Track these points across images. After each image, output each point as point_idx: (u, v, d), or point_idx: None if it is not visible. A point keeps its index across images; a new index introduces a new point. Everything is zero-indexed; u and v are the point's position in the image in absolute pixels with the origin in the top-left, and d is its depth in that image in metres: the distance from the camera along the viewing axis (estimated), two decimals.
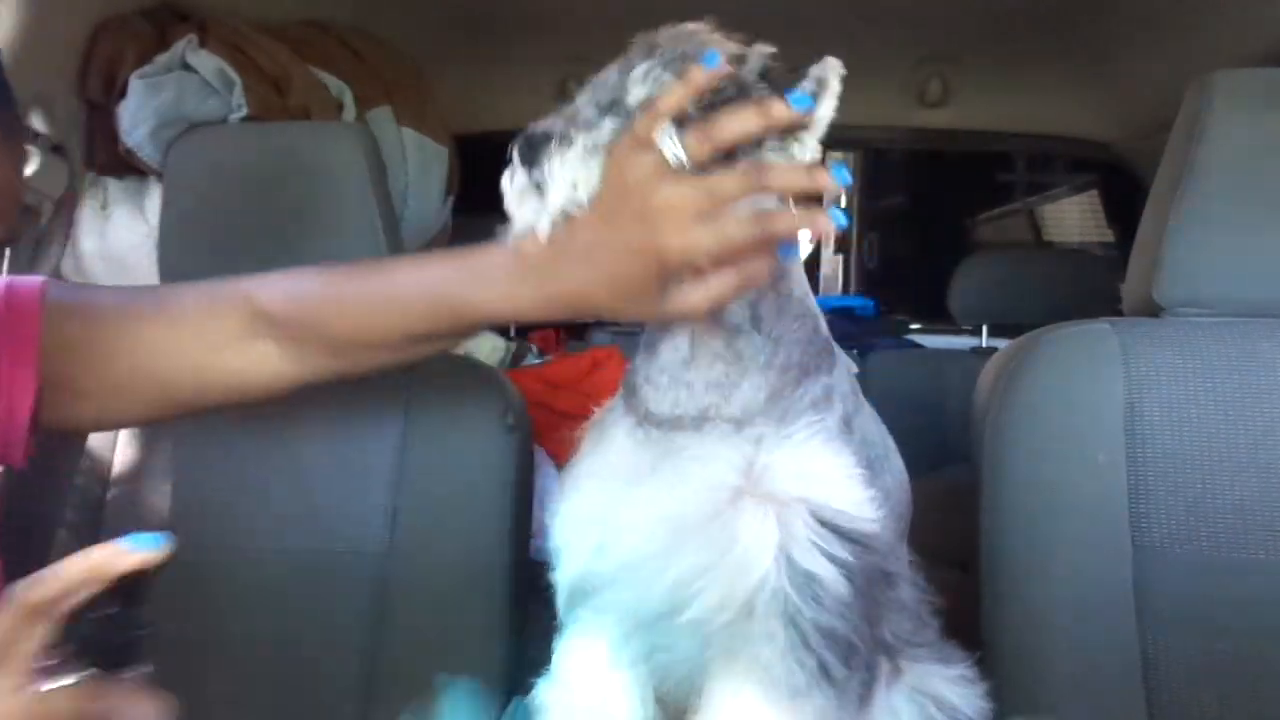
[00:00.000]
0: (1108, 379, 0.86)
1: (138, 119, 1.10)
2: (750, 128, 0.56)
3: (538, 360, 1.92)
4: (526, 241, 0.62)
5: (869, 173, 4.81)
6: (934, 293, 2.14)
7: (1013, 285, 2.03)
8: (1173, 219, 0.86)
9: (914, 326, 2.71)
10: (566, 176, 0.61)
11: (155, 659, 0.91)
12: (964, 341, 2.25)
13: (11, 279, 0.72)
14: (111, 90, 1.13)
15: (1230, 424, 0.84)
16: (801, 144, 0.61)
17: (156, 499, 0.98)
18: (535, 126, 0.63)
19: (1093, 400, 0.86)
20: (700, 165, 0.57)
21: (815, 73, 0.58)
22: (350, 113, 1.36)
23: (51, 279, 0.73)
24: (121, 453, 0.99)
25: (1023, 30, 1.74)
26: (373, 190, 0.98)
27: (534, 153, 0.61)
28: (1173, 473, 0.84)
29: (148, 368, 0.72)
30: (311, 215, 0.98)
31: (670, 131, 0.57)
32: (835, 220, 0.57)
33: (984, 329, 2.10)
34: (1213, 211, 0.86)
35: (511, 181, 0.63)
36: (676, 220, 0.56)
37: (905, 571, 0.72)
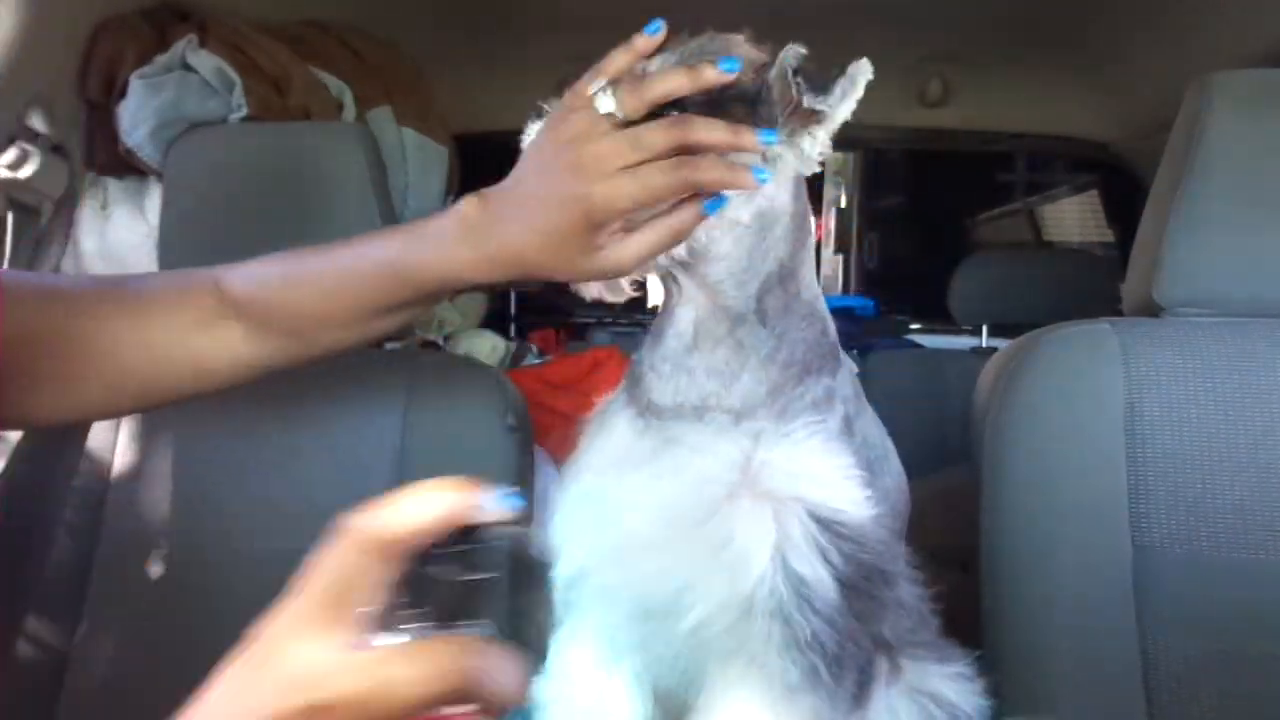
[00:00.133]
0: (1108, 379, 0.86)
1: (138, 119, 1.10)
2: (678, 87, 0.58)
3: (538, 360, 1.92)
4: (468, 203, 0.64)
5: (869, 173, 4.81)
6: (934, 293, 2.14)
7: (1013, 285, 2.03)
8: (1173, 219, 0.87)
9: (914, 326, 2.71)
10: None
11: (153, 659, 0.91)
12: (964, 341, 2.25)
13: None
14: (111, 90, 1.13)
15: (1230, 424, 0.84)
16: (813, 138, 0.63)
17: (156, 499, 0.98)
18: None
19: (1093, 400, 0.86)
20: (633, 120, 0.59)
21: (845, 80, 0.60)
22: (350, 113, 1.36)
23: (7, 269, 0.72)
24: (121, 453, 0.99)
25: (1023, 30, 1.74)
26: (373, 190, 0.98)
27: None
28: (1173, 473, 0.84)
29: (111, 354, 0.71)
30: (311, 215, 0.98)
31: (605, 88, 0.59)
32: (757, 176, 0.59)
33: (984, 329, 2.10)
34: (1213, 211, 0.86)
35: None
36: (603, 169, 0.58)
37: (904, 570, 0.72)
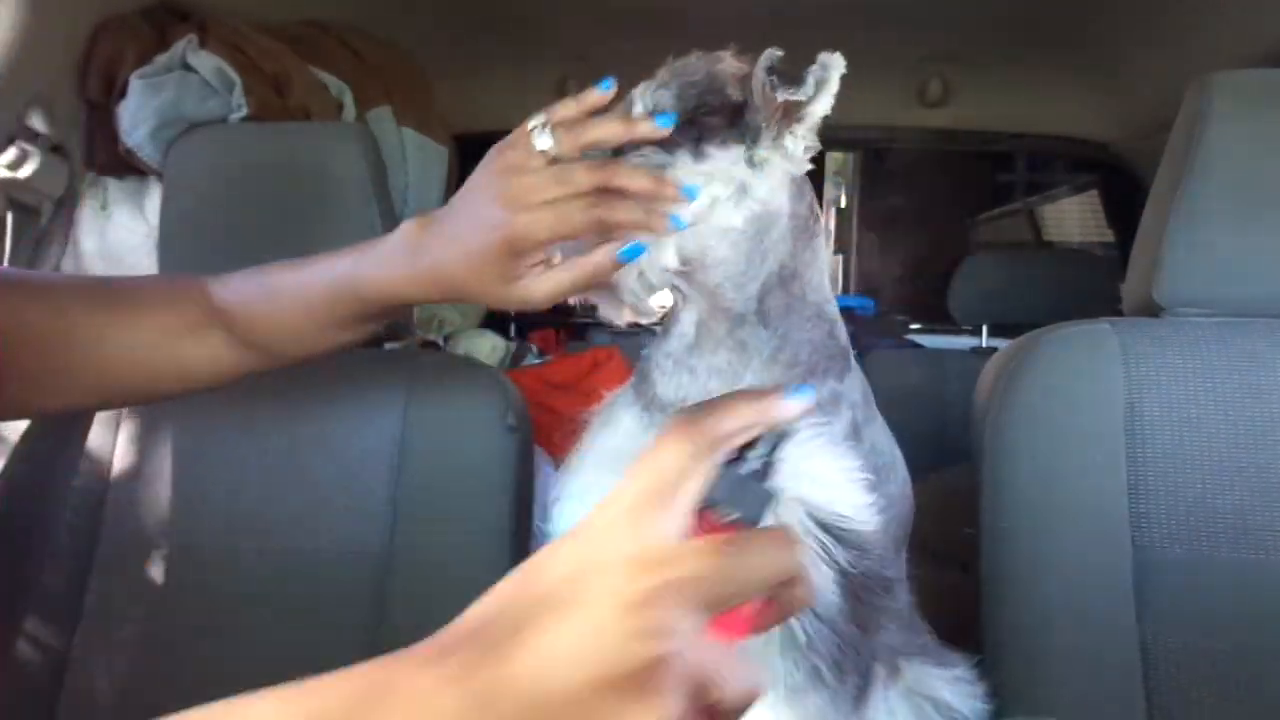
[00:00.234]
0: (1108, 379, 0.86)
1: (138, 119, 1.10)
2: (612, 135, 0.63)
3: (538, 360, 1.92)
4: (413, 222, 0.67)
5: (869, 173, 4.81)
6: (934, 293, 2.14)
7: (1013, 285, 2.03)
8: (1173, 219, 0.87)
9: (914, 326, 2.71)
10: None
11: (153, 659, 0.91)
12: (964, 341, 2.25)
13: None
14: (111, 90, 1.13)
15: (1230, 424, 0.84)
16: (795, 137, 0.63)
17: (156, 499, 0.98)
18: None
19: (1093, 400, 0.86)
20: (568, 158, 0.62)
21: (817, 68, 0.60)
22: (350, 113, 1.36)
23: None
24: (121, 453, 0.99)
25: (1023, 30, 1.74)
26: (373, 190, 0.98)
27: None
28: (1173, 473, 0.84)
29: (96, 351, 0.71)
30: (311, 215, 0.98)
31: (545, 126, 0.62)
32: (674, 224, 0.62)
33: (984, 329, 2.10)
34: (1213, 211, 0.86)
35: None
36: (527, 201, 0.61)
37: (903, 579, 0.72)
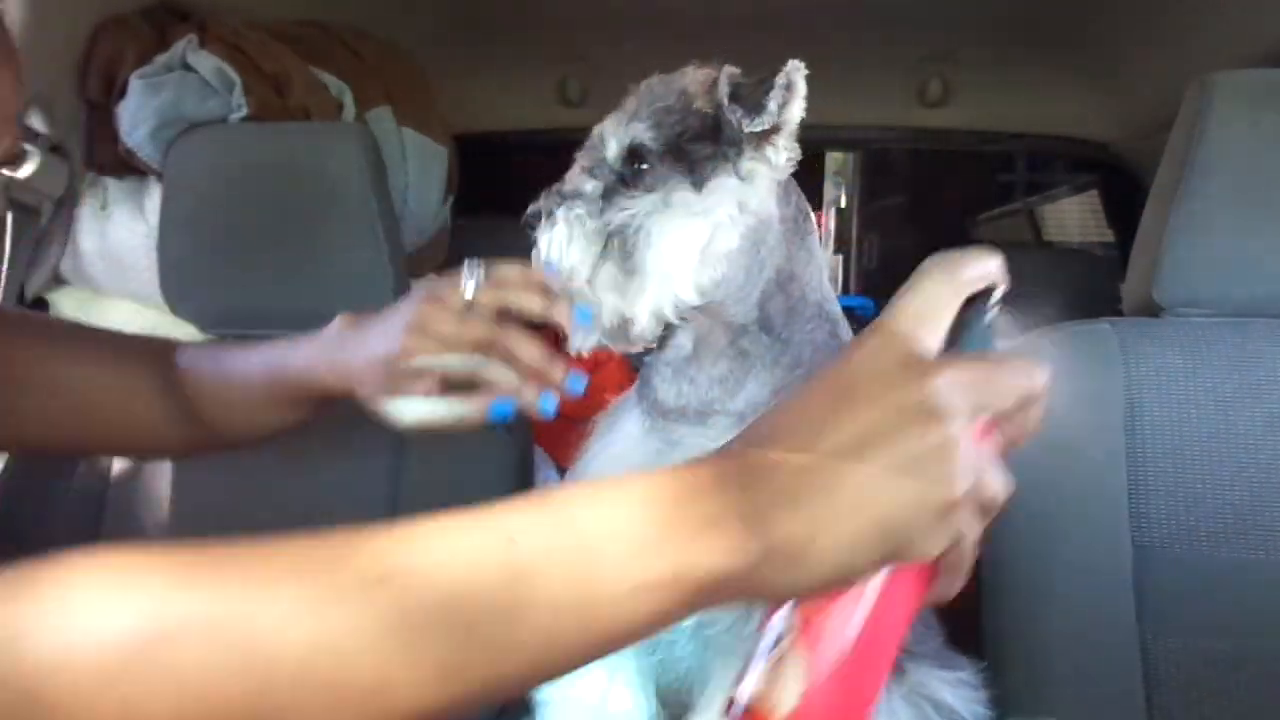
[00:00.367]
0: (1108, 379, 0.86)
1: (138, 119, 1.10)
2: (530, 307, 0.66)
3: None
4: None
5: (869, 173, 4.81)
6: None
7: (1012, 285, 2.02)
8: (1173, 219, 0.86)
9: None
10: (554, 252, 0.65)
11: None
12: None
13: None
14: (111, 90, 1.13)
15: (1230, 424, 0.84)
16: (776, 148, 0.63)
17: (156, 499, 0.97)
18: (533, 205, 0.67)
19: (1093, 400, 0.86)
20: (482, 310, 0.66)
21: (778, 89, 0.60)
22: (350, 113, 1.36)
23: None
24: None
25: (1023, 30, 1.74)
26: (373, 190, 0.98)
27: (533, 230, 0.66)
28: (1173, 472, 0.84)
29: (48, 396, 0.70)
30: (311, 215, 0.98)
31: (476, 272, 0.66)
32: (544, 406, 0.67)
33: None
34: (1213, 211, 0.86)
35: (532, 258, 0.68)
36: (426, 329, 0.66)
37: None
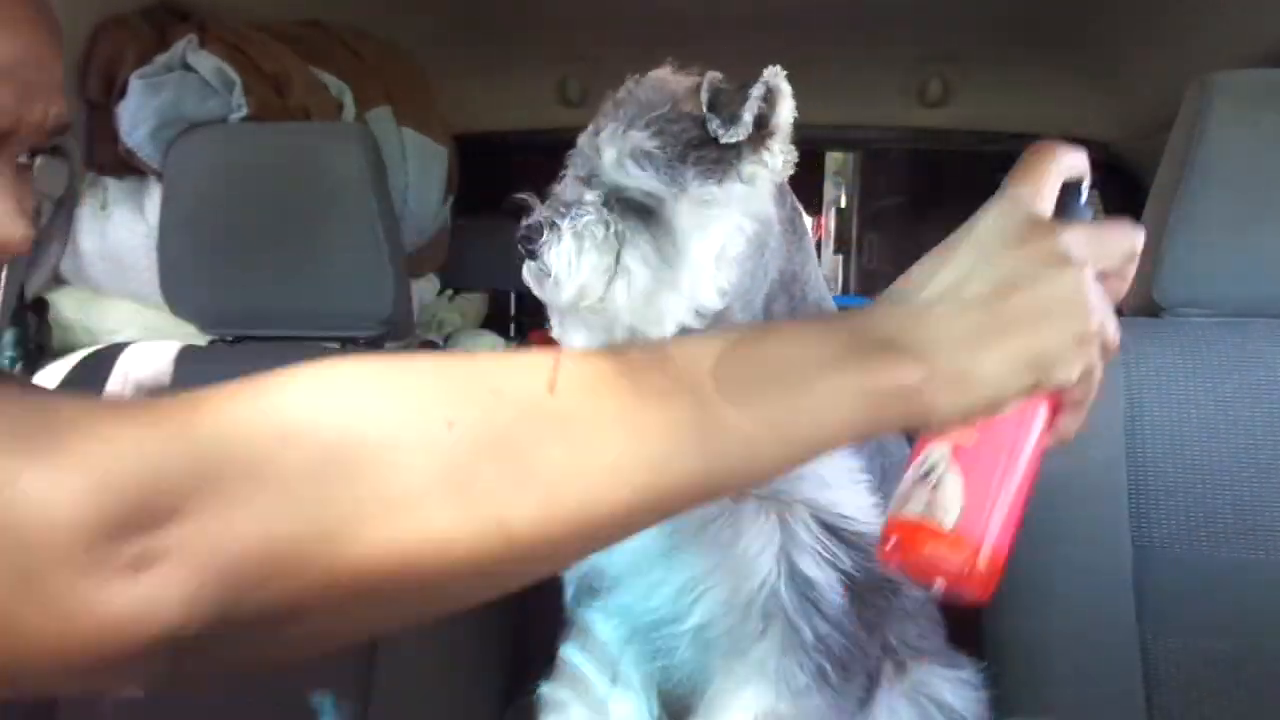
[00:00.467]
0: (1108, 379, 0.85)
1: (138, 119, 1.10)
2: None
3: None
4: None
5: (869, 173, 4.80)
6: None
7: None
8: (1173, 219, 0.86)
9: None
10: (563, 265, 0.64)
11: None
12: None
13: None
14: (111, 90, 1.13)
15: (1230, 424, 0.84)
16: (771, 152, 0.63)
17: None
18: (528, 219, 0.66)
19: (1093, 400, 0.86)
20: None
21: (755, 90, 0.61)
22: (350, 113, 1.36)
23: None
24: None
25: (1023, 30, 1.73)
26: (373, 190, 0.98)
27: (533, 244, 0.65)
28: (1173, 472, 0.84)
29: None
30: (311, 215, 0.98)
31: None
32: None
33: None
34: (1213, 211, 0.86)
35: (525, 270, 0.67)
36: None
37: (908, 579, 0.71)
